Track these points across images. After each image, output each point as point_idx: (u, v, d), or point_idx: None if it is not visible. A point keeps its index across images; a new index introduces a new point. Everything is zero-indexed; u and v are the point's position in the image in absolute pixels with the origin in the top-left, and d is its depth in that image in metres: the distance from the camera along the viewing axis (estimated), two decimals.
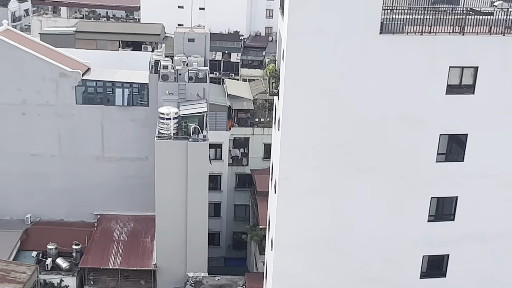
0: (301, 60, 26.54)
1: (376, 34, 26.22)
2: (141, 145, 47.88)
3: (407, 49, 26.98)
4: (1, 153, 47.59)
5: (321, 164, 27.94)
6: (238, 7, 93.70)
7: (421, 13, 28.49)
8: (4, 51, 46.79)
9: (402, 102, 27.43)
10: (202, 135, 44.67)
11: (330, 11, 25.82)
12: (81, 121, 47.90)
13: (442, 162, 29.35)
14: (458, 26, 28.15)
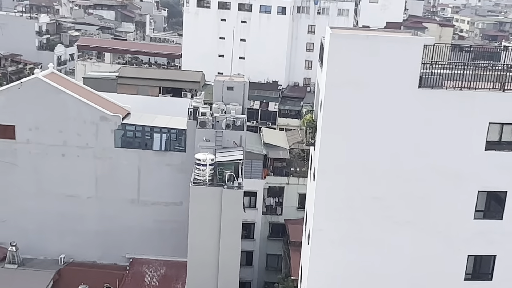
0: (339, 111, 26.68)
1: (415, 88, 26.27)
2: (176, 190, 47.98)
3: (446, 104, 26.84)
4: (39, 193, 48.08)
5: (356, 216, 27.72)
6: (277, 57, 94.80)
7: (461, 68, 28.39)
8: (48, 93, 47.84)
9: (440, 156, 27.23)
10: (237, 182, 44.65)
11: (369, 64, 25.99)
12: (119, 164, 48.33)
13: (480, 219, 28.73)
14: (498, 83, 27.98)
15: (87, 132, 48.14)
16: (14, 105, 47.44)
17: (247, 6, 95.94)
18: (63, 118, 47.74)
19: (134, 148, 48.91)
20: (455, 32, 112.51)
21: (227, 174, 44.62)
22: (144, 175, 48.91)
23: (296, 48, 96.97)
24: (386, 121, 26.57)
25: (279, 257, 52.37)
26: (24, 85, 48.63)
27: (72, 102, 48.08)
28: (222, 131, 49.76)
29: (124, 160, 48.68)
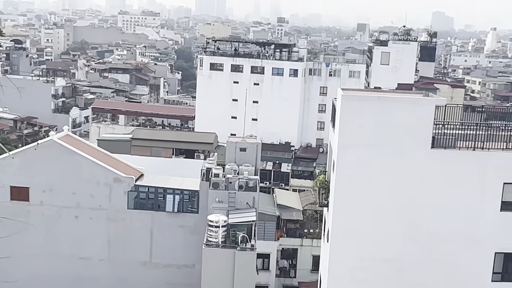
0: (352, 172, 26.82)
1: (428, 148, 26.46)
2: (188, 252, 47.79)
3: (459, 164, 27.01)
4: (51, 255, 47.88)
5: (370, 278, 27.47)
6: (290, 118, 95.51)
7: (474, 128, 28.60)
8: (62, 155, 48.38)
9: (454, 218, 27.15)
10: (250, 244, 44.42)
11: (382, 125, 26.24)
12: (131, 226, 48.35)
13: (498, 282, 28.28)
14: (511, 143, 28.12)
15: (100, 193, 48.38)
16: (29, 167, 47.94)
17: (260, 69, 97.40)
18: (77, 179, 48.12)
19: (147, 209, 48.99)
20: (467, 93, 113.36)
21: (240, 236, 44.41)
22: (156, 237, 48.81)
23: (308, 109, 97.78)
24: (399, 183, 26.66)
25: None
26: (40, 147, 49.19)
27: (86, 163, 48.55)
28: (235, 192, 49.82)
29: (137, 222, 48.73)
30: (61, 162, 48.36)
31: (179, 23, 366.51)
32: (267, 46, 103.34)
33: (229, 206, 48.54)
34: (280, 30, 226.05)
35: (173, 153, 70.82)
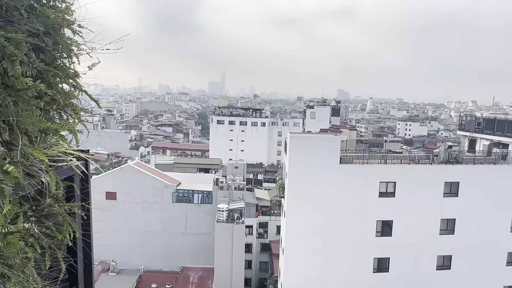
0: (296, 179, 27.10)
1: (338, 164, 26.84)
2: (207, 226, 47.31)
3: (354, 172, 27.45)
4: (128, 230, 47.46)
5: (310, 238, 27.41)
6: (261, 149, 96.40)
7: (362, 152, 29.19)
8: (135, 173, 48.27)
9: (353, 202, 27.49)
10: (242, 220, 44.35)
11: (312, 152, 26.60)
12: (174, 212, 47.90)
13: (379, 237, 28.39)
14: (383, 159, 28.65)
15: (156, 194, 48.16)
16: (116, 180, 47.56)
17: (244, 122, 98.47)
18: (143, 186, 47.83)
19: (183, 202, 48.66)
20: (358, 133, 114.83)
21: (235, 216, 44.35)
22: (188, 218, 48.46)
23: (271, 144, 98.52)
24: (323, 184, 26.98)
25: (267, 263, 50.93)
26: (122, 169, 49.09)
27: (149, 178, 48.49)
28: (232, 191, 49.78)
29: (178, 209, 48.33)
30: (134, 177, 48.16)
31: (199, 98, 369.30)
32: (248, 110, 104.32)
33: (229, 199, 48.40)
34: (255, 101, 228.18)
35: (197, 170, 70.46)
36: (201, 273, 46.01)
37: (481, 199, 28.49)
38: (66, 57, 2.72)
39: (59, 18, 2.58)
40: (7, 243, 2.01)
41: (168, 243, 48.02)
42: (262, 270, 50.81)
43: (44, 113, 2.48)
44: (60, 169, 2.64)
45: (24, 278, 2.14)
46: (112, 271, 45.34)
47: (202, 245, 47.55)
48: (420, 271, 28.73)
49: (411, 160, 29.80)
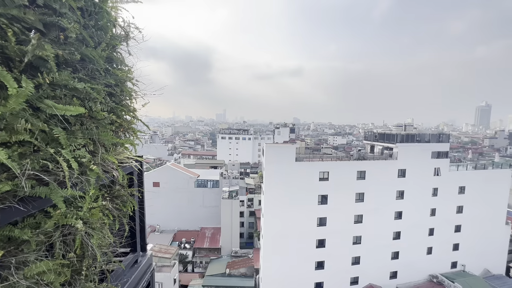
0: (270, 172, 26.76)
1: (294, 161, 26.69)
2: (216, 201, 46.32)
3: (304, 166, 27.19)
4: (168, 205, 46.43)
5: (280, 205, 27.05)
6: (248, 154, 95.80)
7: (308, 154, 29.14)
8: (171, 170, 47.10)
9: (304, 184, 27.07)
10: (237, 197, 43.72)
11: (280, 154, 26.42)
12: (196, 193, 46.69)
13: (320, 205, 27.79)
14: (320, 158, 28.66)
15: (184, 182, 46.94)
16: (159, 175, 46.41)
17: (238, 138, 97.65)
18: (176, 178, 46.73)
19: (201, 187, 47.65)
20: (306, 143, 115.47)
21: (233, 194, 43.70)
22: (205, 197, 47.40)
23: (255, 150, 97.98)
24: (285, 173, 26.67)
25: (253, 223, 49.98)
26: (163, 167, 47.82)
27: (179, 172, 47.32)
28: (231, 179, 49.20)
29: (198, 192, 47.30)
30: (170, 172, 46.97)
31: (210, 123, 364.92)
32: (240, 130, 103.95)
33: (229, 184, 47.77)
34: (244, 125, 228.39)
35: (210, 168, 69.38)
36: (213, 231, 45.14)
37: (378, 180, 28.87)
38: (128, 99, 2.81)
39: (124, 75, 2.66)
40: (92, 214, 2.06)
41: (192, 212, 46.97)
42: (250, 228, 50.18)
43: (115, 133, 2.55)
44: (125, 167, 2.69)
45: (102, 235, 2.18)
46: (157, 231, 43.88)
47: (214, 213, 46.74)
48: (344, 225, 28.60)
49: (337, 158, 30.01)
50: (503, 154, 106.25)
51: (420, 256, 31.21)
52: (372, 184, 28.51)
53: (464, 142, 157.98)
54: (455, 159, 56.56)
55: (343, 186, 27.85)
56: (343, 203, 28.11)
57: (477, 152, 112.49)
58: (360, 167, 28.24)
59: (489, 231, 33.29)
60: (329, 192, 27.58)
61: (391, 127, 39.04)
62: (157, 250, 32.03)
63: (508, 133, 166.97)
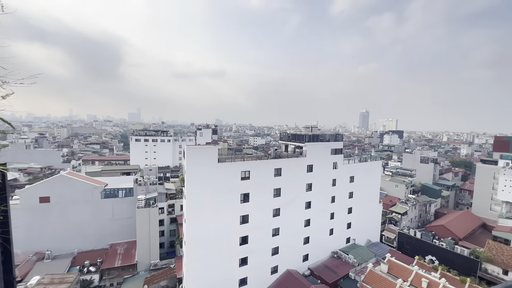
0: (191, 174, 25.76)
1: (216, 162, 26.52)
2: (130, 212, 40.88)
3: (227, 166, 27.25)
4: (63, 223, 37.62)
5: (202, 208, 26.29)
6: (168, 157, 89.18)
7: (231, 155, 29.55)
8: (66, 180, 38.38)
9: (227, 183, 27.19)
10: (155, 204, 39.76)
11: (201, 156, 25.78)
12: (104, 205, 39.91)
13: (242, 203, 28.76)
14: (242, 158, 29.47)
15: (87, 194, 39.42)
16: (50, 187, 37.19)
17: (155, 140, 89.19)
18: (74, 189, 38.59)
19: (110, 198, 41.07)
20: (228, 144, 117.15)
21: (151, 202, 39.64)
22: (115, 208, 41.05)
23: (175, 153, 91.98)
24: (208, 175, 26.19)
25: (175, 230, 46.70)
26: (54, 178, 38.53)
27: (78, 182, 39.29)
28: (148, 186, 44.47)
29: (106, 203, 40.52)
30: (65, 183, 38.37)
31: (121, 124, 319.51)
32: (158, 132, 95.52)
33: (146, 191, 43.08)
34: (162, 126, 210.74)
35: (121, 174, 60.60)
36: (126, 246, 39.58)
37: (292, 175, 31.98)
38: None
39: None
40: None
41: (98, 228, 39.85)
42: (172, 235, 46.88)
43: None
44: None
45: None
46: (48, 258, 35.00)
47: (127, 225, 41.05)
48: (265, 219, 30.24)
49: (257, 157, 31.22)
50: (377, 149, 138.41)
51: (325, 237, 36.78)
52: (287, 179, 31.44)
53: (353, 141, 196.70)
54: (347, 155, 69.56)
55: (263, 183, 29.53)
56: (263, 199, 29.74)
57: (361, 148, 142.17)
58: (277, 165, 30.54)
59: (369, 210, 42.71)
60: (251, 190, 28.62)
61: (301, 129, 44.20)
62: (48, 282, 25.62)
63: (379, 133, 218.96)
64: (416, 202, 56.72)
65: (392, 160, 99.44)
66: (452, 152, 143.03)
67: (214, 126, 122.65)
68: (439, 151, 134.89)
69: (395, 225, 51.23)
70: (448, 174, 79.89)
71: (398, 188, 62.78)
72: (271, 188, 30.42)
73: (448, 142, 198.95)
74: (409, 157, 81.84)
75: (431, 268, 32.41)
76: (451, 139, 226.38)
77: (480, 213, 58.21)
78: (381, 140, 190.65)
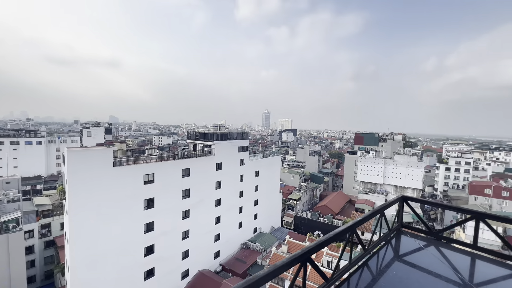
0: (77, 182, 21.23)
1: (111, 167, 23.07)
2: None
3: (126, 170, 24.31)
4: None
5: (99, 219, 22.04)
6: (39, 164, 68.69)
7: (130, 157, 26.33)
8: None
9: (128, 191, 24.16)
10: (19, 227, 29.74)
11: (89, 160, 21.64)
12: None
13: (146, 210, 26.20)
14: (145, 160, 26.87)
15: None
16: None
17: (16, 142, 66.69)
18: None
19: None
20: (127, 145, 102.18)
21: (10, 226, 29.54)
22: None
23: (50, 158, 72.02)
24: (100, 182, 22.33)
25: (52, 256, 36.72)
26: None
27: None
28: (4, 204, 32.97)
29: None
30: None
31: None
32: (21, 131, 71.71)
33: (2, 212, 31.72)
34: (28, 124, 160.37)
35: None
36: None
37: (201, 175, 31.50)
38: None
39: None
40: None
41: None
42: (48, 263, 36.81)
43: None
44: None
45: None
46: None
47: None
48: (173, 223, 28.68)
49: (163, 158, 29.34)
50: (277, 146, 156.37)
51: (234, 231, 38.43)
52: (196, 179, 30.83)
53: (257, 139, 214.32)
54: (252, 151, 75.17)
55: (170, 185, 27.84)
56: (171, 203, 28.11)
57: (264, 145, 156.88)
58: (185, 165, 29.45)
59: (272, 200, 47.88)
60: (156, 194, 26.49)
61: (209, 127, 44.24)
62: None
63: (278, 132, 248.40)
64: (307, 188, 68.14)
65: (289, 154, 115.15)
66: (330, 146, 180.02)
67: (108, 125, 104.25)
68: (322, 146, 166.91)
69: (292, 210, 59.70)
70: (328, 163, 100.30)
71: (293, 178, 73.31)
72: (180, 189, 29.12)
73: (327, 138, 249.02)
74: (301, 151, 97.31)
75: None
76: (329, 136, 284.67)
77: (348, 192, 76.24)
78: (280, 137, 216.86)
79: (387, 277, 3.48)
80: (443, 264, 3.71)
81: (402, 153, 66.13)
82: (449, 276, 3.46)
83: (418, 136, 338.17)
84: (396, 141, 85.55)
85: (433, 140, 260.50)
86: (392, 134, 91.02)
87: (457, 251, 4.12)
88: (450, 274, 3.50)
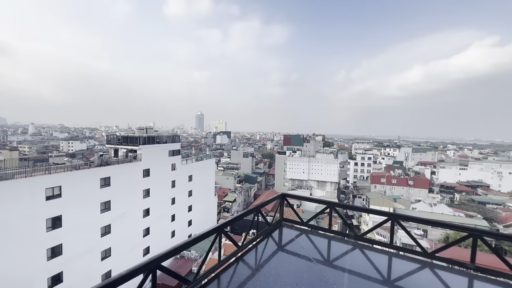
0: None
1: None
2: None
3: (18, 185, 19.51)
4: None
5: None
6: None
7: (27, 166, 21.17)
8: None
9: (20, 213, 19.30)
10: None
11: None
12: None
13: (51, 231, 21.52)
14: (47, 171, 22.16)
15: None
16: None
17: None
18: None
19: None
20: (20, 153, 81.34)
21: None
22: None
23: None
24: None
25: None
26: None
27: None
28: None
29: None
30: None
31: None
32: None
33: None
34: None
35: None
36: None
37: (125, 184, 28.48)
38: None
39: None
40: None
41: None
42: None
43: None
44: None
45: None
46: None
47: None
48: (89, 242, 24.64)
49: (73, 167, 24.88)
50: (211, 148, 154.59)
51: (167, 241, 35.80)
52: (119, 189, 27.46)
53: (190, 141, 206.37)
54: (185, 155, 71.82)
55: (84, 198, 23.84)
56: (85, 218, 24.09)
57: (198, 148, 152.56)
58: (104, 173, 25.91)
59: (207, 204, 46.92)
60: (63, 211, 22.18)
61: (135, 130, 40.13)
62: None
63: (213, 134, 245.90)
64: (242, 189, 69.74)
65: (224, 156, 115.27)
66: (262, 147, 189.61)
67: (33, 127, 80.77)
68: (255, 147, 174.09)
69: (228, 212, 59.91)
70: (261, 164, 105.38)
71: (228, 180, 73.80)
72: (97, 202, 25.23)
73: (260, 140, 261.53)
74: (235, 153, 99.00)
75: None
76: (261, 137, 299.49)
77: (279, 189, 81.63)
78: (215, 140, 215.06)
79: (267, 267, 3.81)
80: (315, 250, 4.48)
81: (322, 152, 75.75)
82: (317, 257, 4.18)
83: (334, 136, 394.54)
84: (318, 142, 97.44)
85: (345, 140, 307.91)
86: (314, 135, 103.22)
87: (320, 236, 5.15)
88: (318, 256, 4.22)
